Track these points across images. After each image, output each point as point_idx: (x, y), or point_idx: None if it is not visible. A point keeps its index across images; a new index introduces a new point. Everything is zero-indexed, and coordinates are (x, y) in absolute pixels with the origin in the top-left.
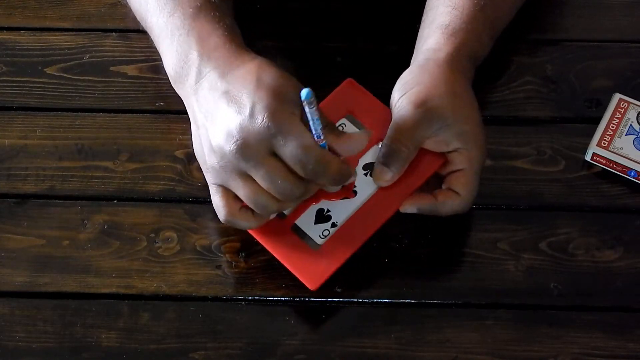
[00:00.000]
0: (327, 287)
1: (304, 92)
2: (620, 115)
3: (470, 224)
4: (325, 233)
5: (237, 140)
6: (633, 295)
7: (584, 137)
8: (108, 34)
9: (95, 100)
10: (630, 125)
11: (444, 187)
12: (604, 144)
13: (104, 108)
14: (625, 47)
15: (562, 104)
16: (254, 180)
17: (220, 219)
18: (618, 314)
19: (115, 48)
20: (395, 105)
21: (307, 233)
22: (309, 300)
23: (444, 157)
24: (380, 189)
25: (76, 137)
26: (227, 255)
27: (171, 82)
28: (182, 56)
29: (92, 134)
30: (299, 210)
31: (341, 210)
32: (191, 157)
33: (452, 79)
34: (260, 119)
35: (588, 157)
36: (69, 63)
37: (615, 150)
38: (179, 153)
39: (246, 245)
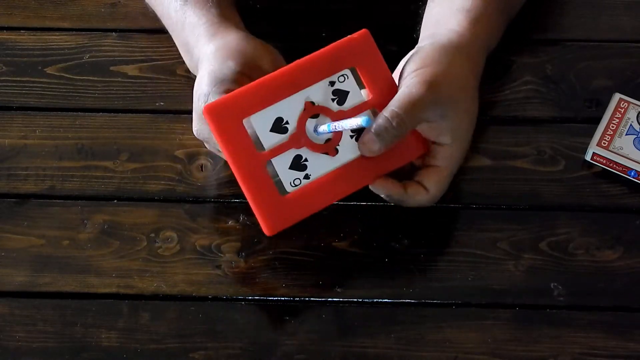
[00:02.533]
0: (327, 287)
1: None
2: (620, 115)
3: (470, 224)
4: (297, 182)
5: (195, 125)
6: (633, 295)
7: (584, 137)
8: (108, 34)
9: (95, 100)
10: (630, 125)
11: (415, 178)
12: (604, 143)
13: (104, 108)
14: (625, 47)
15: (562, 104)
16: None
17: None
18: (618, 314)
19: (115, 48)
20: (405, 76)
21: (279, 175)
22: (309, 300)
23: (428, 146)
24: (361, 157)
25: (76, 137)
26: (227, 255)
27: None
28: (185, 50)
29: (92, 134)
30: (278, 149)
31: (318, 164)
32: (191, 157)
33: (469, 70)
34: (200, 102)
35: (588, 157)
36: (69, 63)
37: (615, 150)
38: (179, 153)
39: (246, 245)
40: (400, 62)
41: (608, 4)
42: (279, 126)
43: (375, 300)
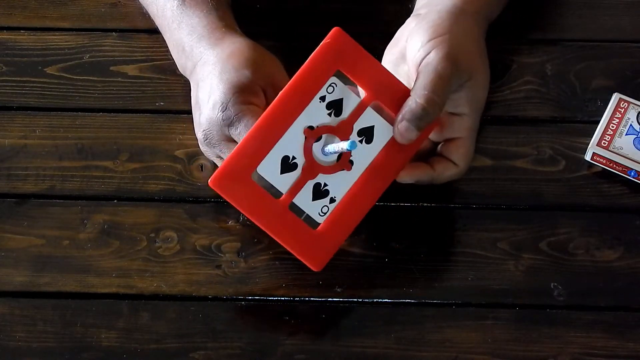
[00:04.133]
0: (327, 287)
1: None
2: (620, 115)
3: (470, 224)
4: (325, 210)
5: (203, 130)
6: (633, 295)
7: (584, 137)
8: (108, 34)
9: (95, 100)
10: (630, 125)
11: (441, 153)
12: (604, 143)
13: (104, 108)
14: (625, 47)
15: (562, 104)
16: None
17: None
18: (618, 314)
19: (115, 48)
20: (420, 49)
21: (306, 211)
22: (309, 300)
23: (441, 121)
24: (379, 156)
25: (76, 137)
26: (227, 255)
27: (180, 71)
28: (180, 49)
29: (92, 134)
30: (295, 188)
31: (339, 184)
32: (191, 157)
33: (480, 38)
34: (216, 113)
35: (588, 157)
36: (69, 63)
37: (615, 150)
38: (179, 153)
39: (246, 245)
40: (400, 32)
41: (608, 4)
42: (287, 165)
43: (375, 300)
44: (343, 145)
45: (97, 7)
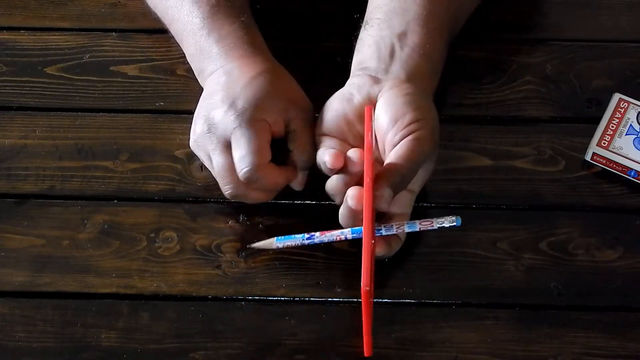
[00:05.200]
0: (327, 287)
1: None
2: (620, 115)
3: (470, 224)
4: None
5: (209, 124)
6: (633, 295)
7: (584, 137)
8: (108, 34)
9: (95, 100)
10: (630, 125)
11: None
12: (604, 143)
13: (104, 108)
14: (625, 47)
15: (562, 104)
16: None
17: (227, 193)
18: (618, 314)
19: (115, 48)
20: (388, 130)
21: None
22: (309, 300)
23: None
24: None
25: (76, 137)
26: (227, 255)
27: (195, 74)
28: (206, 53)
29: (92, 134)
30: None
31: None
32: (191, 157)
33: (432, 105)
34: (231, 113)
35: (588, 157)
36: (69, 63)
37: (615, 150)
38: (179, 153)
39: (246, 245)
40: (353, 88)
41: (608, 4)
42: None
43: (375, 300)
44: (451, 220)
45: (97, 7)
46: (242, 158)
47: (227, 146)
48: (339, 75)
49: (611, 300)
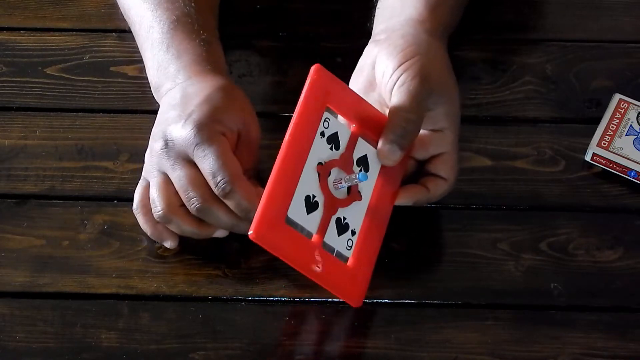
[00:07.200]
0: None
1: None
2: (620, 116)
3: (470, 224)
4: (350, 243)
5: (166, 140)
6: (633, 295)
7: (584, 137)
8: (108, 34)
9: (95, 100)
10: (630, 125)
11: (429, 172)
12: (604, 144)
13: (104, 108)
14: (625, 47)
15: (562, 104)
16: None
17: (156, 214)
18: (618, 314)
19: (115, 48)
20: (392, 75)
21: (336, 247)
22: (309, 300)
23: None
24: (377, 184)
25: (76, 137)
26: (227, 255)
27: (152, 90)
28: (163, 69)
29: (92, 134)
30: (322, 226)
31: (355, 216)
32: None
33: (445, 55)
34: (189, 128)
35: (588, 158)
36: (69, 63)
37: (615, 151)
38: None
39: (246, 246)
40: (363, 60)
41: (608, 5)
42: (311, 205)
43: (375, 300)
44: (354, 178)
45: (97, 8)
46: (215, 173)
47: (188, 161)
48: (340, 75)
49: (611, 300)
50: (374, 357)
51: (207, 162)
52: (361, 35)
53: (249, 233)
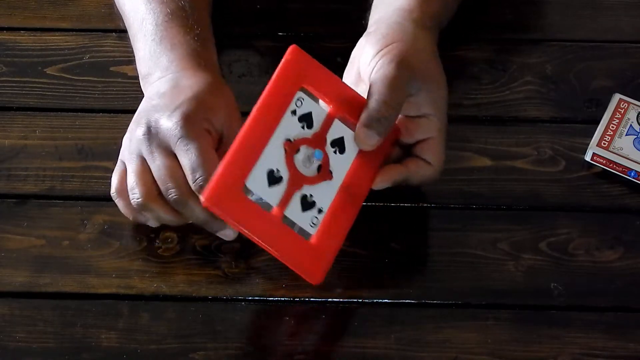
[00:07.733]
0: (327, 288)
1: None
2: (620, 116)
3: (470, 224)
4: (315, 221)
5: (150, 127)
6: (633, 295)
7: (584, 137)
8: (108, 34)
9: (95, 100)
10: (630, 125)
11: (414, 154)
12: (604, 144)
13: (104, 108)
14: (625, 47)
15: (562, 104)
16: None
17: (134, 201)
18: (618, 314)
19: (115, 48)
20: (370, 61)
21: (297, 223)
22: (309, 300)
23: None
24: (353, 165)
25: (76, 137)
26: (227, 255)
27: (140, 79)
28: (154, 59)
29: (92, 134)
30: (284, 200)
31: (323, 194)
32: None
33: (430, 40)
34: (175, 119)
35: (588, 158)
36: (69, 63)
37: (615, 151)
38: None
39: (246, 246)
40: (354, 53)
41: (608, 5)
42: (274, 178)
43: (375, 300)
44: (311, 155)
45: (97, 8)
46: (195, 169)
47: (169, 152)
48: (340, 75)
49: (611, 300)
50: (374, 357)
51: (188, 157)
52: (361, 35)
53: (201, 200)
